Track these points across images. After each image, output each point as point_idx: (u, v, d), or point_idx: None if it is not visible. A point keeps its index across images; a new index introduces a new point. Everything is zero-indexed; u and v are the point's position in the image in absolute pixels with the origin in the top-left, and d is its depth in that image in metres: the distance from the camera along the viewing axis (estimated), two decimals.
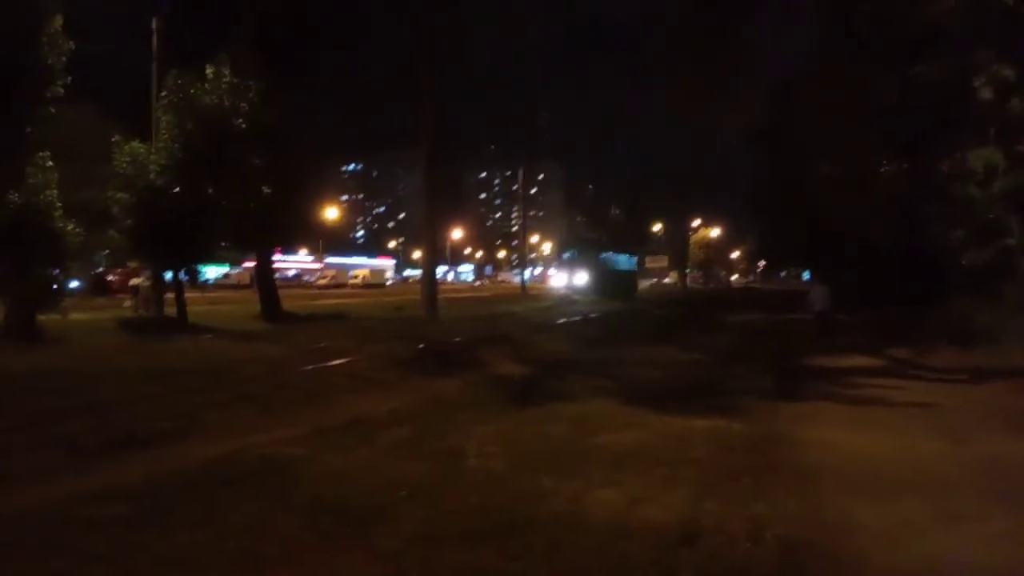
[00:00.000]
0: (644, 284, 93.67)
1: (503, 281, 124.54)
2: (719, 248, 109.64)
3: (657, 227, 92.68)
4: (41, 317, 16.30)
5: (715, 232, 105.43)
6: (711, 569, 4.48)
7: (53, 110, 16.73)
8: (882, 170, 27.24)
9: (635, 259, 64.10)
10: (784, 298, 47.54)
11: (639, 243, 71.42)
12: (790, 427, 8.55)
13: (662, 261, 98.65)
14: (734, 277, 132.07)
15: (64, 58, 16.48)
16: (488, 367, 14.11)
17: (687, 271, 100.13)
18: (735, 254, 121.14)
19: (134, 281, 25.73)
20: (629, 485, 6.08)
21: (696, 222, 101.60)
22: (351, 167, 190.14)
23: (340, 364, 13.03)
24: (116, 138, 20.09)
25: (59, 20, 16.35)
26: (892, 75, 22.78)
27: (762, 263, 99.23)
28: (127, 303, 24.03)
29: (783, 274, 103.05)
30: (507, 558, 4.54)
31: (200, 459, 6.95)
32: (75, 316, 17.23)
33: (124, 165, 19.73)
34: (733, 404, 10.12)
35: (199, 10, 24.79)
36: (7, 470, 6.30)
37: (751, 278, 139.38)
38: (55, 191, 16.31)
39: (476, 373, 13.28)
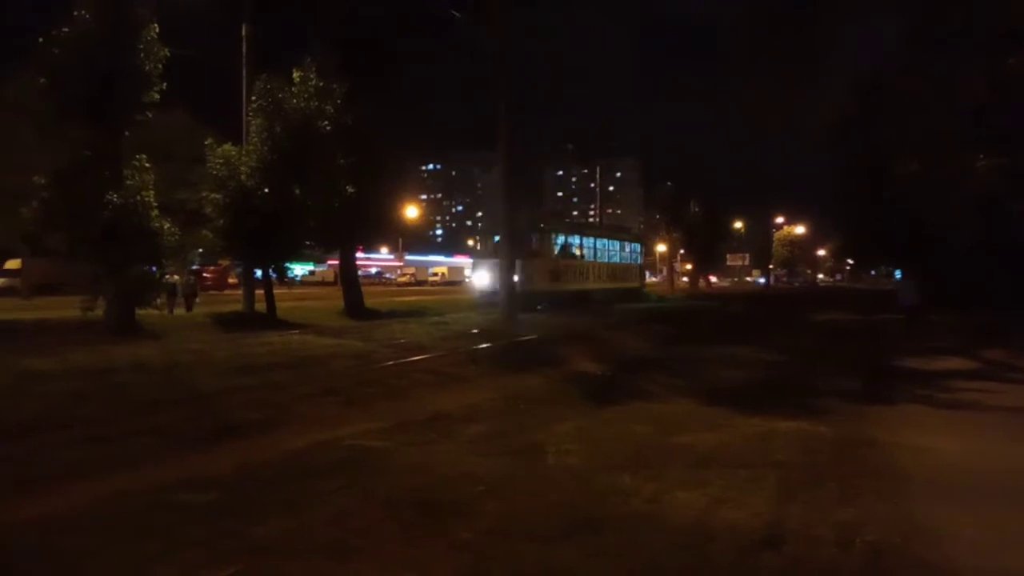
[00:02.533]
0: (723, 283, 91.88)
1: None
2: (804, 246, 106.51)
3: (738, 224, 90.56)
4: (140, 312, 17.15)
5: (799, 230, 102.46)
6: (796, 574, 4.38)
7: (149, 115, 17.58)
8: (977, 165, 25.98)
9: (637, 247, 43.44)
10: (873, 297, 45.82)
11: (718, 240, 69.92)
12: (879, 431, 8.25)
13: (743, 259, 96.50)
14: (820, 276, 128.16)
15: (160, 65, 17.28)
16: (566, 364, 14.10)
17: (770, 269, 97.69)
18: (821, 252, 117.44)
19: (170, 279, 25.35)
20: (711, 486, 5.99)
21: (779, 219, 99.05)
22: (430, 167, 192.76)
23: (421, 360, 13.24)
24: (209, 141, 20.97)
25: (154, 28, 17.14)
26: (985, 66, 21.70)
27: (850, 261, 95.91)
28: (159, 301, 23.23)
29: (873, 273, 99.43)
30: (585, 555, 4.54)
31: (288, 450, 7.19)
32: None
33: (217, 167, 20.57)
34: (819, 406, 9.84)
35: (285, 16, 25.64)
36: (108, 457, 6.64)
37: (838, 277, 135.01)
38: (152, 192, 17.10)
39: (554, 370, 13.29)
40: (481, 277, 30.42)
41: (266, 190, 20.66)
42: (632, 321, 24.64)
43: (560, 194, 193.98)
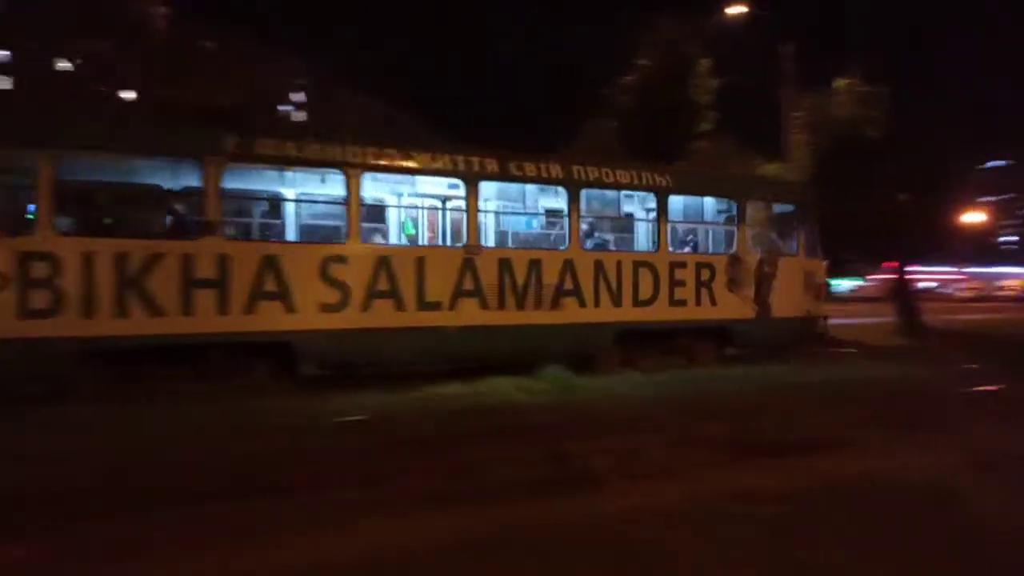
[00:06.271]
0: None
1: None
2: None
3: None
4: None
5: None
6: None
7: (703, 143, 19.03)
8: None
9: (723, 206, 14.74)
10: None
11: None
12: None
13: None
14: None
15: (709, 96, 18.61)
16: None
17: None
18: None
19: None
20: None
21: None
22: (992, 164, 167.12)
23: (991, 390, 11.66)
24: (757, 162, 21.78)
25: (705, 63, 18.53)
26: None
27: None
28: None
29: None
30: None
31: (842, 475, 6.98)
32: None
33: None
34: None
35: (817, 30, 25.22)
36: (682, 458, 7.31)
37: None
38: None
39: None
40: None
41: None
42: None
43: None
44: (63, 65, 34.36)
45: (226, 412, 8.76)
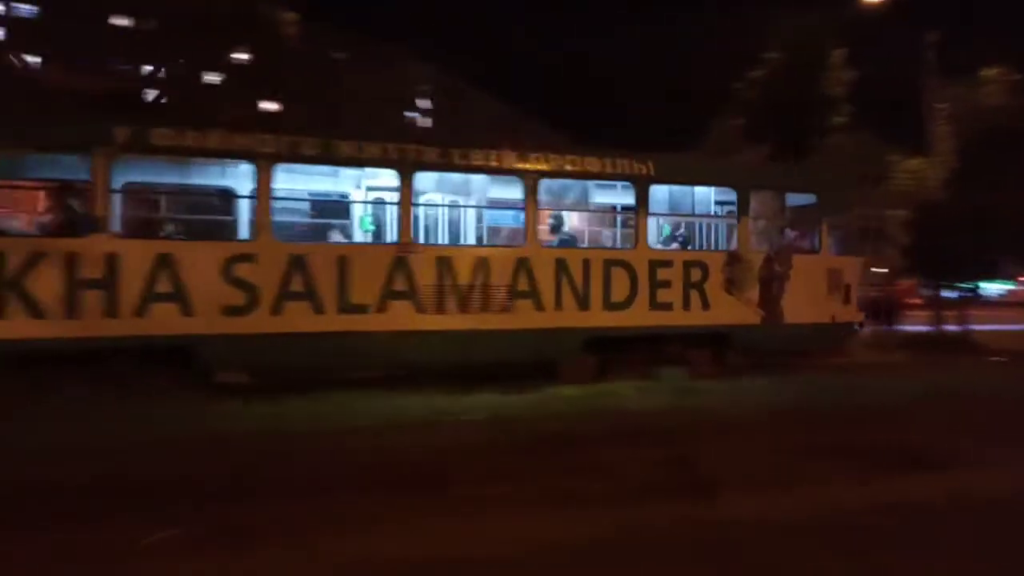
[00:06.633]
0: None
1: None
2: None
3: None
4: None
5: None
6: None
7: (834, 138, 18.13)
8: None
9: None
10: None
11: None
12: None
13: None
14: None
15: (843, 88, 17.71)
16: None
17: None
18: None
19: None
20: None
21: None
22: None
23: None
24: (894, 157, 20.63)
25: (839, 54, 17.66)
26: None
27: None
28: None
29: None
30: None
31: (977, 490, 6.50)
32: None
33: (904, 182, 20.11)
34: None
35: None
36: (783, 474, 6.93)
37: None
38: None
39: None
40: None
41: (954, 201, 19.32)
42: None
43: None
44: (210, 78, 36.69)
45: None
